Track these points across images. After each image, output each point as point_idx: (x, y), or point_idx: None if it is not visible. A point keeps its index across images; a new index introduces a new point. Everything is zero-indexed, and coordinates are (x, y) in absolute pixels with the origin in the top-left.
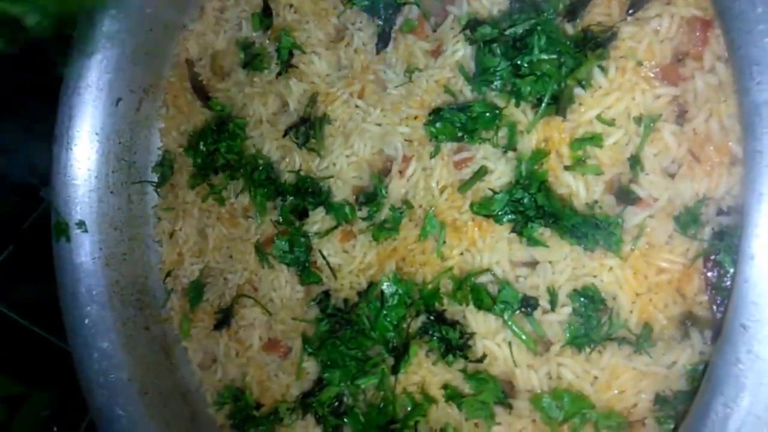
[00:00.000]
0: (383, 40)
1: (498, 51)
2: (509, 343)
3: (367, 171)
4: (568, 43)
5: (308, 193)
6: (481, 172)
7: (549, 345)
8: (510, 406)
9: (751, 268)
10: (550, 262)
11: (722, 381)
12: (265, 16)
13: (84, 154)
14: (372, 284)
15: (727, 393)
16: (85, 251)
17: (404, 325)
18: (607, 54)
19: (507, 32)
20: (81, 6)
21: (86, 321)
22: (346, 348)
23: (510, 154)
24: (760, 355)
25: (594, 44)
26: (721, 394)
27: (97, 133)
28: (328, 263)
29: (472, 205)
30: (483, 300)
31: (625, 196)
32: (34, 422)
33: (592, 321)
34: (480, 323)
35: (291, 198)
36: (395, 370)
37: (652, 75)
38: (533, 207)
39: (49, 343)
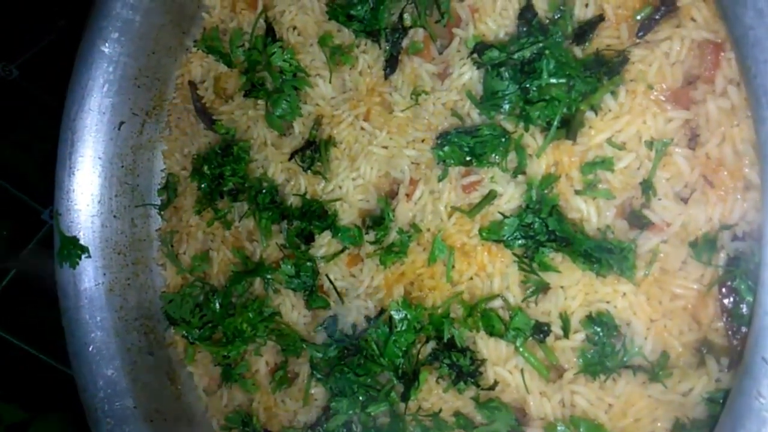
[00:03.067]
0: (391, 65)
1: (506, 75)
2: (521, 370)
3: (374, 194)
4: (578, 66)
5: (314, 217)
6: (490, 196)
7: (562, 372)
8: None
9: None
10: (562, 288)
11: (743, 415)
12: (268, 38)
13: (87, 179)
14: (381, 310)
15: (749, 427)
16: (88, 277)
17: (414, 351)
18: (621, 79)
19: (515, 56)
20: None
21: (90, 348)
22: (354, 375)
23: (519, 178)
24: None
25: (607, 69)
26: (743, 427)
27: (99, 158)
28: (335, 287)
29: (481, 231)
30: (494, 326)
31: (638, 221)
32: None
33: (606, 348)
34: (491, 350)
35: (297, 221)
36: (405, 397)
37: (663, 98)
38: (544, 232)
39: (51, 368)
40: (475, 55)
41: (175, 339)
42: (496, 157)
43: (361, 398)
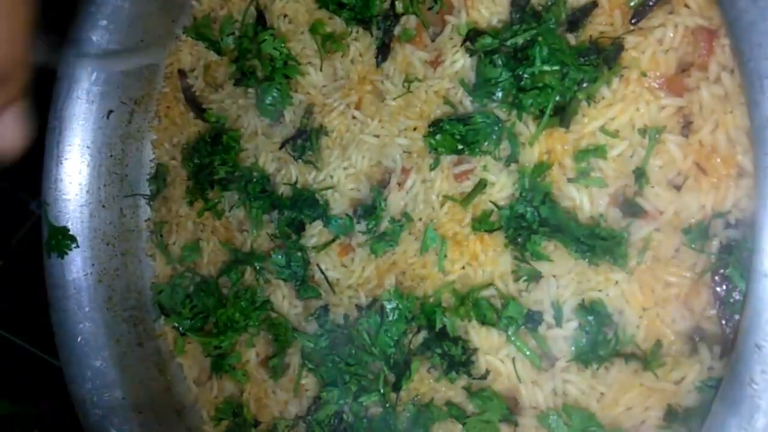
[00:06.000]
0: (382, 53)
1: (499, 62)
2: (513, 359)
3: (366, 183)
4: (572, 54)
5: (305, 206)
6: (482, 185)
7: (554, 361)
8: (516, 424)
9: (765, 286)
10: (555, 276)
11: (736, 402)
12: (259, 26)
13: (75, 168)
14: (373, 299)
15: (742, 414)
16: (76, 267)
17: (405, 341)
18: (619, 69)
19: (508, 43)
20: None
21: (79, 339)
22: (345, 365)
23: (512, 166)
24: None
25: (605, 57)
26: (736, 414)
27: (88, 147)
28: (326, 278)
29: (473, 221)
30: (486, 315)
31: (631, 209)
32: None
33: (598, 336)
34: (483, 339)
35: (287, 211)
36: (397, 387)
37: (656, 86)
38: (536, 220)
39: (39, 359)
40: (468, 43)
41: (164, 330)
42: (489, 145)
43: (352, 388)
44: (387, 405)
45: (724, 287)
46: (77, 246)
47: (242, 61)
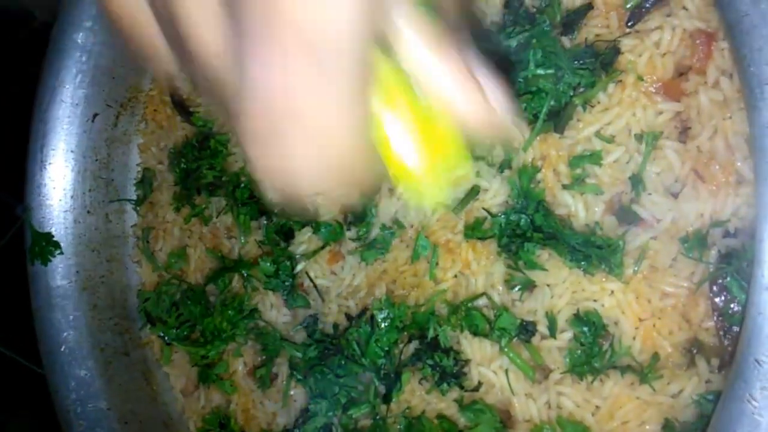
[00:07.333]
0: None
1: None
2: (506, 371)
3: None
4: (567, 57)
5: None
6: (475, 191)
7: (548, 372)
8: None
9: (765, 299)
10: (549, 286)
11: (735, 419)
12: None
13: (59, 173)
14: (363, 308)
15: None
16: (60, 274)
17: (396, 351)
18: (616, 74)
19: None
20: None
21: (62, 348)
22: (334, 376)
23: (506, 172)
24: None
25: (600, 61)
26: None
27: (72, 151)
28: (315, 285)
29: (465, 229)
30: (479, 325)
31: (627, 216)
32: None
33: (593, 348)
34: (475, 350)
35: (276, 218)
36: (387, 399)
37: (653, 90)
38: (530, 228)
39: (23, 368)
40: None
41: (150, 338)
42: (482, 150)
43: (342, 400)
44: (377, 417)
45: (723, 298)
46: (61, 253)
47: None
